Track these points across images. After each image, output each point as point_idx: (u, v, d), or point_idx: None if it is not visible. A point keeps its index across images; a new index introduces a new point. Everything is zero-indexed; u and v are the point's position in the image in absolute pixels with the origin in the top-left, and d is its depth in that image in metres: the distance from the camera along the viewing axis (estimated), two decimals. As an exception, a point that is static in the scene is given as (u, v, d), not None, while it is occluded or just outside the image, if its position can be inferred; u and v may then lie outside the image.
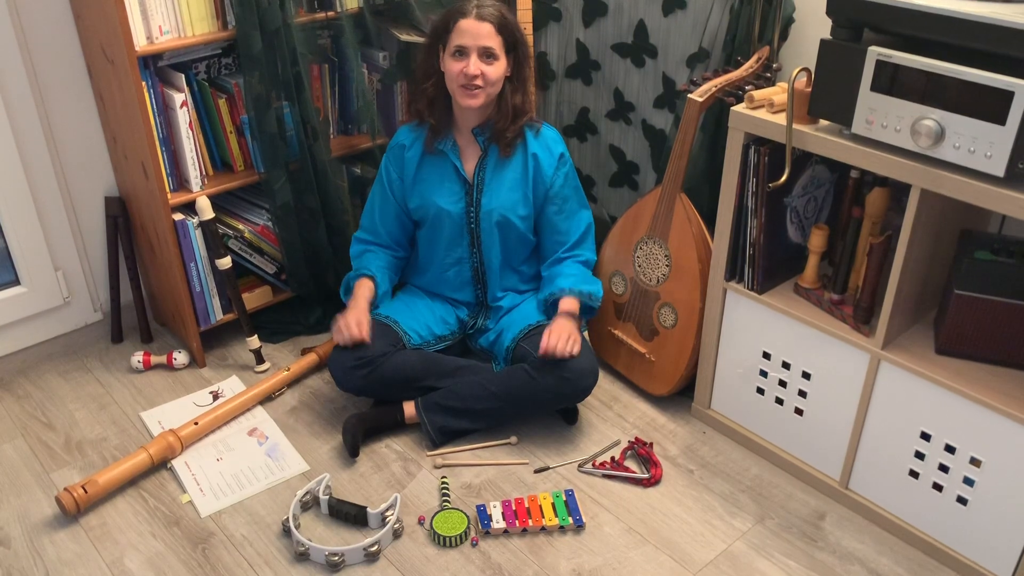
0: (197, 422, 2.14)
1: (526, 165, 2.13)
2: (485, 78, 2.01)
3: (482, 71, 2.00)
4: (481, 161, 2.13)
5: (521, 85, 2.10)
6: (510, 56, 2.06)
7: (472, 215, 2.16)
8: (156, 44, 2.09)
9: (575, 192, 2.22)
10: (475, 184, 2.13)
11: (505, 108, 2.09)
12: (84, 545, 1.91)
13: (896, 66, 1.56)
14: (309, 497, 1.99)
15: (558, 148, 2.17)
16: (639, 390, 2.37)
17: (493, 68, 2.02)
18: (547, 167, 2.14)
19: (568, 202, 2.20)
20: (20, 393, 2.39)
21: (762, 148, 1.85)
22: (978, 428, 1.70)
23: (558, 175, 2.16)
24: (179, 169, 2.27)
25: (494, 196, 2.14)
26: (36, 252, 2.38)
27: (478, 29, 1.98)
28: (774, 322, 1.99)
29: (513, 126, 2.10)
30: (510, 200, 2.14)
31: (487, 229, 2.17)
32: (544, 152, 2.15)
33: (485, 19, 1.99)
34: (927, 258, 1.78)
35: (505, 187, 2.13)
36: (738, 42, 2.14)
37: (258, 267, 2.48)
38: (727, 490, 2.06)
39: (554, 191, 2.17)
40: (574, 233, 2.23)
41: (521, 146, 2.13)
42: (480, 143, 2.13)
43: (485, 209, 2.15)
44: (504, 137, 2.10)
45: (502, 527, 1.92)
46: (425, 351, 2.24)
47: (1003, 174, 1.48)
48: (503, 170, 2.13)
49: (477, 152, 2.14)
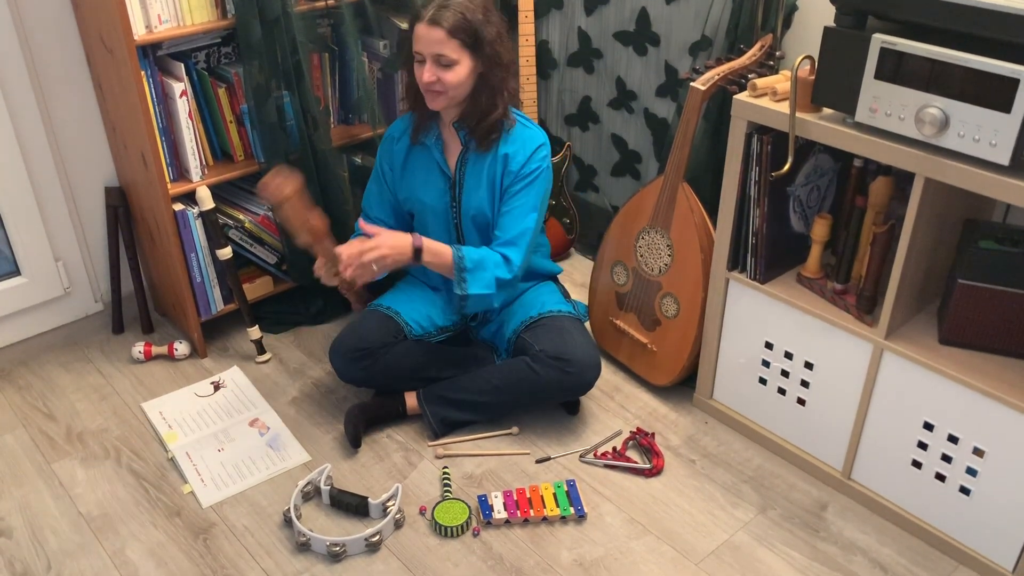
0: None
1: (496, 164, 2.05)
2: (443, 83, 1.92)
3: (438, 76, 1.91)
4: (462, 155, 2.09)
5: (486, 84, 1.96)
6: (476, 54, 1.93)
7: (455, 210, 2.13)
8: (155, 33, 2.08)
9: (533, 188, 2.04)
10: (456, 179, 2.10)
11: (476, 105, 1.99)
12: (86, 535, 1.91)
13: (900, 53, 1.55)
14: (310, 487, 1.99)
15: (535, 143, 2.04)
16: (641, 380, 2.36)
17: (452, 73, 1.91)
18: (515, 164, 2.03)
19: (521, 194, 2.04)
20: (21, 384, 2.39)
21: (765, 137, 1.84)
22: (981, 418, 1.69)
23: (525, 167, 2.03)
24: (179, 159, 2.26)
25: (472, 192, 2.09)
26: (36, 243, 2.37)
27: (428, 35, 1.89)
28: (777, 312, 1.99)
29: (482, 124, 2.00)
30: (487, 197, 2.09)
31: (467, 227, 2.14)
32: (517, 151, 2.04)
33: (436, 23, 1.87)
34: (931, 247, 1.77)
35: (483, 184, 2.08)
36: (741, 30, 2.13)
37: (259, 257, 2.47)
38: (729, 480, 2.05)
39: (516, 179, 2.03)
40: (510, 230, 2.04)
41: (495, 146, 2.05)
42: (461, 137, 2.08)
43: (465, 205, 2.11)
44: (476, 133, 2.02)
45: (503, 517, 1.92)
46: (427, 342, 2.23)
47: (1008, 162, 1.47)
48: (480, 167, 2.07)
49: (459, 146, 2.09)
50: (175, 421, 2.23)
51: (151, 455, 2.14)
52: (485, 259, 2.00)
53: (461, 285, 1.99)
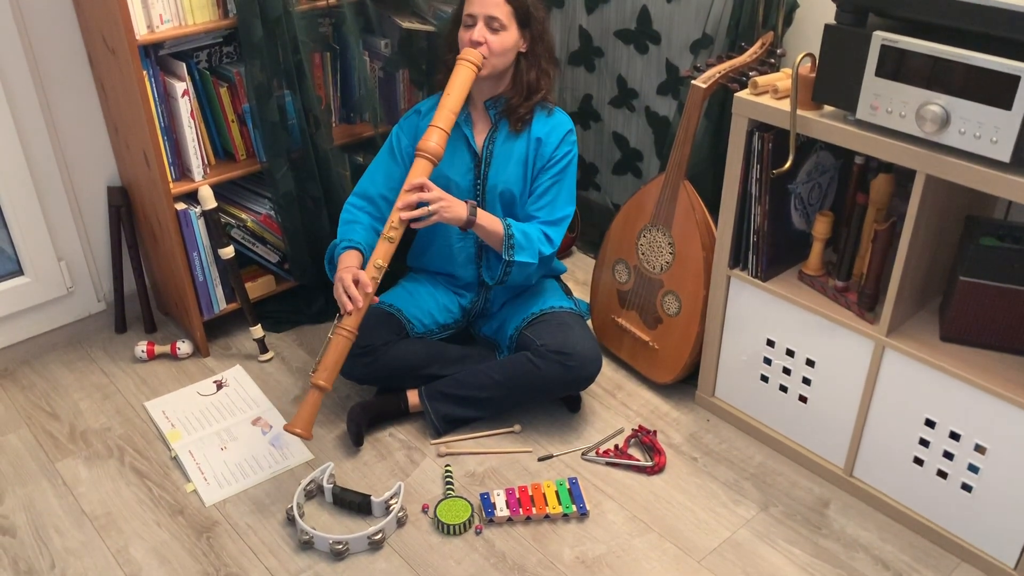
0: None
1: (528, 147, 2.11)
2: (490, 47, 1.99)
3: (487, 39, 1.98)
4: (491, 134, 2.12)
5: (535, 61, 2.07)
6: (524, 31, 2.03)
7: (479, 188, 2.15)
8: (157, 33, 2.08)
9: (569, 172, 2.14)
10: (483, 157, 2.12)
11: (520, 84, 2.08)
12: (89, 534, 1.92)
13: (901, 51, 1.55)
14: (313, 486, 1.99)
15: (565, 127, 2.14)
16: (643, 378, 2.36)
17: (499, 38, 1.99)
18: (548, 147, 2.12)
19: (560, 181, 2.13)
20: (25, 383, 2.39)
21: (766, 134, 1.84)
22: (983, 415, 1.69)
23: (559, 150, 2.12)
24: (181, 158, 2.27)
25: (500, 170, 2.13)
26: (39, 242, 2.38)
27: None
28: (778, 309, 1.99)
29: (527, 103, 2.09)
30: (515, 175, 2.13)
31: (491, 202, 2.16)
32: (548, 133, 2.12)
33: None
34: (932, 244, 1.77)
35: (512, 162, 2.12)
36: (742, 28, 2.13)
37: (261, 256, 2.47)
38: (731, 478, 2.06)
39: (552, 161, 2.11)
40: (554, 213, 2.14)
41: (527, 129, 2.12)
42: (491, 116, 2.13)
43: (491, 182, 2.13)
44: (516, 112, 2.09)
45: (506, 515, 1.92)
46: (428, 339, 2.24)
47: (1009, 159, 1.47)
48: (511, 146, 2.12)
49: (488, 125, 2.13)
50: (178, 420, 2.24)
51: (154, 454, 2.14)
52: (530, 232, 2.09)
53: (509, 251, 2.06)
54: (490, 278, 2.17)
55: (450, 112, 1.96)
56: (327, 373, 1.91)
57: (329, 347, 1.92)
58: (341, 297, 1.94)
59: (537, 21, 2.04)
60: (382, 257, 1.94)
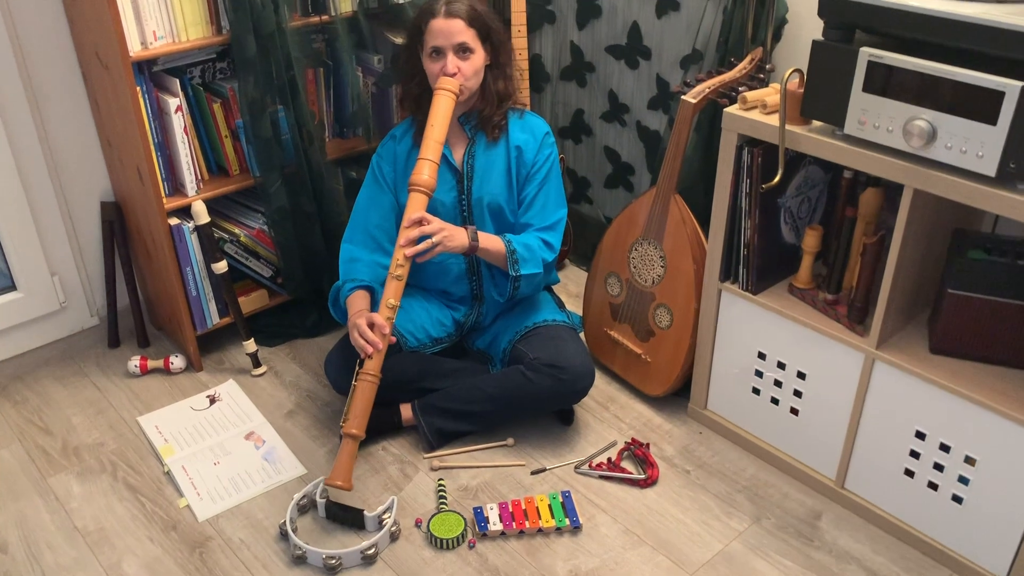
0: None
1: (508, 156, 2.13)
2: (464, 74, 2.01)
3: (459, 67, 2.00)
4: (469, 149, 2.14)
5: (501, 71, 2.10)
6: (486, 45, 2.06)
7: (464, 203, 2.16)
8: (150, 49, 2.09)
9: (554, 175, 2.16)
10: (465, 172, 2.14)
11: (489, 95, 2.10)
12: (81, 550, 1.91)
13: (888, 67, 1.57)
14: (306, 500, 1.99)
15: (541, 131, 2.16)
16: (635, 391, 2.37)
17: (470, 62, 2.02)
18: (529, 153, 2.13)
19: (547, 184, 2.14)
20: (17, 398, 2.39)
21: (755, 149, 1.86)
22: (972, 427, 1.71)
23: (540, 155, 2.14)
24: (174, 174, 2.27)
25: (484, 183, 2.14)
26: (32, 257, 2.38)
27: (449, 27, 1.99)
28: (769, 322, 2.00)
29: (499, 111, 2.11)
30: (499, 186, 2.14)
31: (479, 216, 2.17)
32: (527, 140, 2.14)
33: (454, 15, 1.99)
34: (920, 258, 1.79)
35: (494, 173, 2.14)
36: (731, 43, 2.15)
37: (254, 271, 2.48)
38: (724, 490, 2.06)
39: (536, 168, 2.14)
40: (547, 218, 2.16)
41: (504, 137, 2.13)
42: (467, 131, 2.14)
43: (476, 196, 2.15)
44: (490, 121, 2.11)
45: (499, 529, 1.92)
46: (422, 353, 2.24)
47: (994, 174, 1.48)
48: (491, 157, 2.14)
49: (465, 140, 2.15)
50: (171, 435, 2.23)
51: (147, 469, 2.14)
52: (530, 243, 2.11)
53: (515, 267, 2.07)
54: (500, 295, 2.18)
55: (436, 143, 1.97)
56: (358, 420, 1.92)
57: (355, 394, 1.94)
58: (359, 342, 1.95)
59: (495, 32, 2.07)
60: (393, 296, 1.95)
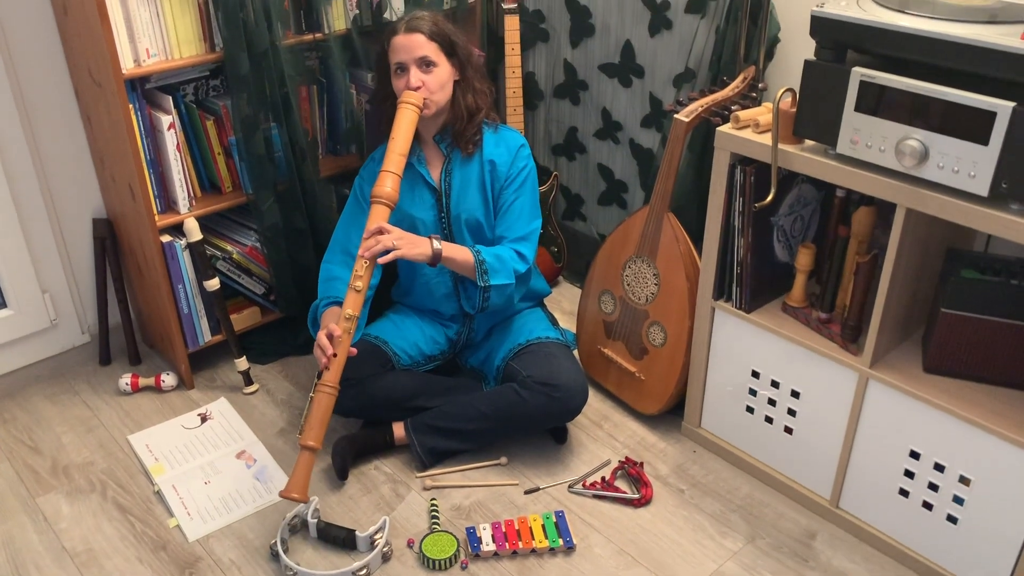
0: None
1: (483, 171, 2.13)
2: (428, 87, 2.02)
3: (423, 81, 2.01)
4: (446, 166, 2.14)
5: (469, 85, 2.10)
6: (453, 59, 2.06)
7: (444, 221, 2.16)
8: (143, 67, 2.09)
9: (527, 187, 2.15)
10: (443, 190, 2.14)
11: (459, 110, 2.10)
12: (70, 571, 1.89)
13: (880, 87, 1.57)
14: (297, 520, 1.97)
15: (516, 143, 2.15)
16: (629, 409, 2.36)
17: (434, 76, 2.02)
18: (503, 167, 2.13)
19: (521, 196, 2.14)
20: (7, 416, 2.37)
21: (748, 168, 1.86)
22: (967, 447, 1.70)
23: (513, 168, 2.13)
24: (167, 191, 2.27)
25: (461, 199, 2.14)
26: (23, 274, 2.37)
27: (409, 42, 2.00)
28: (762, 341, 2.00)
29: (470, 124, 2.11)
30: (475, 202, 2.14)
31: (458, 232, 2.17)
32: (501, 154, 2.13)
33: (414, 30, 2.00)
34: (914, 277, 1.79)
35: (471, 189, 2.14)
36: (724, 62, 2.15)
37: (246, 288, 2.47)
38: (718, 509, 2.05)
39: (509, 180, 2.13)
40: (519, 229, 2.14)
41: (479, 152, 2.13)
42: (443, 149, 2.15)
43: (454, 213, 2.15)
44: (464, 136, 2.11)
45: (492, 549, 1.91)
46: (415, 371, 2.23)
47: (987, 193, 1.49)
48: (467, 173, 2.14)
49: (441, 158, 2.15)
50: (161, 454, 2.22)
51: (137, 488, 2.12)
52: (501, 253, 2.09)
53: (483, 277, 2.05)
54: (471, 307, 2.17)
55: (399, 155, 1.97)
56: (314, 432, 1.88)
57: (312, 405, 1.91)
58: (316, 352, 1.94)
59: (461, 47, 2.07)
60: (351, 307, 1.92)
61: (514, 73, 2.65)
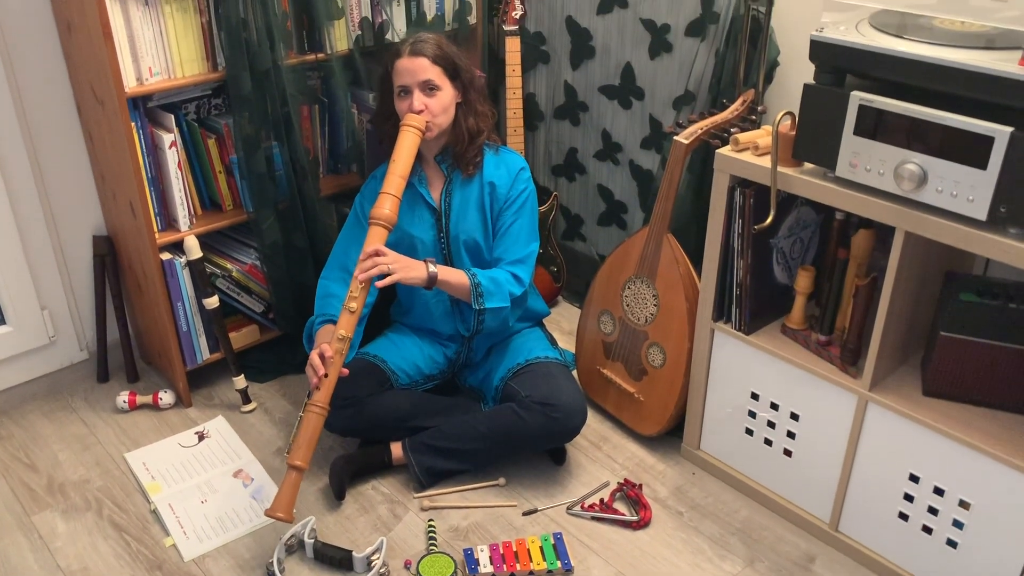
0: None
1: (482, 193, 2.14)
2: (431, 110, 2.03)
3: (426, 104, 2.02)
4: (446, 187, 2.15)
5: (471, 108, 2.12)
6: (456, 83, 2.08)
7: (443, 241, 2.17)
8: (146, 85, 2.10)
9: (526, 210, 2.16)
10: (443, 211, 2.14)
11: (461, 132, 2.11)
12: (64, 590, 1.88)
13: (879, 111, 1.58)
14: (294, 540, 1.96)
15: (516, 166, 2.17)
16: (628, 430, 2.36)
17: (437, 99, 2.04)
18: (502, 189, 2.14)
19: (519, 219, 2.15)
20: (3, 433, 2.36)
21: (747, 190, 1.86)
22: (966, 470, 1.70)
23: (513, 190, 2.14)
24: (167, 208, 2.27)
25: (460, 220, 2.15)
26: (22, 291, 2.37)
27: (413, 65, 2.01)
28: (762, 363, 1.99)
29: (472, 146, 2.12)
30: (475, 223, 2.15)
31: (457, 253, 2.17)
32: (501, 176, 2.14)
33: (419, 54, 2.02)
34: (913, 300, 1.79)
35: (470, 211, 2.15)
36: (723, 85, 2.17)
37: (246, 306, 2.47)
38: (717, 532, 2.04)
39: (508, 202, 2.14)
40: (516, 252, 2.15)
41: (479, 174, 2.14)
42: (444, 170, 2.16)
43: (453, 234, 2.15)
44: (465, 157, 2.12)
45: (489, 571, 1.90)
46: (413, 390, 2.23)
47: (985, 218, 1.49)
48: (467, 194, 2.15)
49: (442, 179, 2.16)
50: (158, 472, 2.21)
51: (133, 507, 2.11)
52: (497, 276, 2.10)
53: (479, 300, 2.06)
54: (466, 330, 2.17)
55: (399, 177, 1.98)
56: (302, 452, 1.87)
57: (301, 425, 1.90)
58: (308, 372, 1.94)
59: (464, 70, 2.08)
60: (345, 328, 1.92)
61: (515, 94, 2.66)
